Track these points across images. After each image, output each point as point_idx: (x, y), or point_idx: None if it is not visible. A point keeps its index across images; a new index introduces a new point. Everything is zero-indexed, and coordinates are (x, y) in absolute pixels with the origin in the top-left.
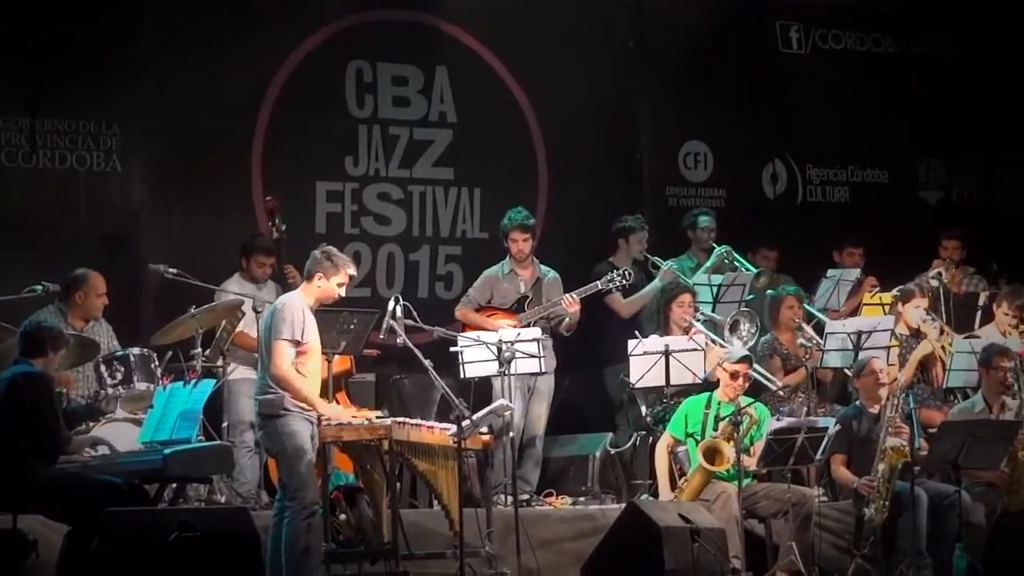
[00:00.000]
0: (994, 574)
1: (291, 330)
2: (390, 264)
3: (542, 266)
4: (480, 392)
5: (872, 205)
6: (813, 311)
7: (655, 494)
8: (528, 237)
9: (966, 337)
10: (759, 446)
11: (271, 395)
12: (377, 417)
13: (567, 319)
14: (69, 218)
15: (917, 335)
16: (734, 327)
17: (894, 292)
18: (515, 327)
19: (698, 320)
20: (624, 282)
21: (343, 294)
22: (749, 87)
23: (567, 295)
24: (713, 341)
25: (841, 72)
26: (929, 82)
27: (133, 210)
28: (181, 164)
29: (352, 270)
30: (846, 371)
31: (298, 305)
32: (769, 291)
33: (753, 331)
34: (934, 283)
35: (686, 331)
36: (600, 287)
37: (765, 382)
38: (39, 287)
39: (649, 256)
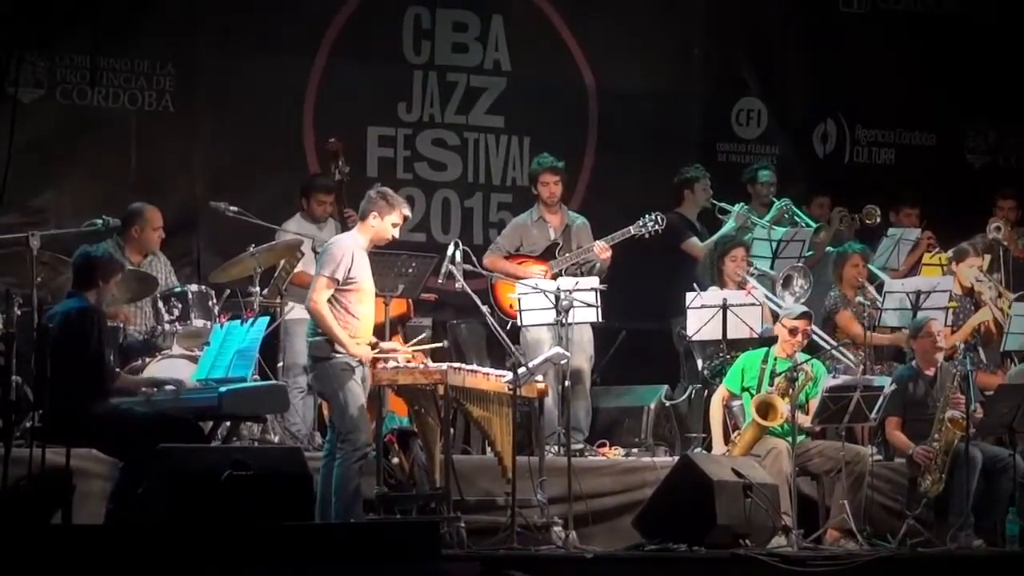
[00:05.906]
0: None
1: (332, 268)
2: (445, 209)
3: (570, 212)
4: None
5: (917, 168)
6: (874, 269)
7: (708, 447)
8: (559, 179)
9: (1017, 298)
10: (814, 403)
11: (322, 337)
12: (431, 346)
13: (598, 265)
14: (124, 154)
15: (971, 294)
16: (787, 282)
17: (949, 253)
18: (546, 275)
19: (751, 276)
20: (658, 227)
21: (397, 235)
22: (807, 44)
23: (599, 241)
24: (767, 298)
25: (898, 32)
26: (985, 45)
27: (187, 148)
28: (235, 105)
29: (407, 211)
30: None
31: (348, 244)
32: (836, 247)
33: (806, 287)
34: (991, 236)
35: (740, 285)
36: (632, 232)
37: (822, 343)
38: (99, 221)
39: (716, 202)
